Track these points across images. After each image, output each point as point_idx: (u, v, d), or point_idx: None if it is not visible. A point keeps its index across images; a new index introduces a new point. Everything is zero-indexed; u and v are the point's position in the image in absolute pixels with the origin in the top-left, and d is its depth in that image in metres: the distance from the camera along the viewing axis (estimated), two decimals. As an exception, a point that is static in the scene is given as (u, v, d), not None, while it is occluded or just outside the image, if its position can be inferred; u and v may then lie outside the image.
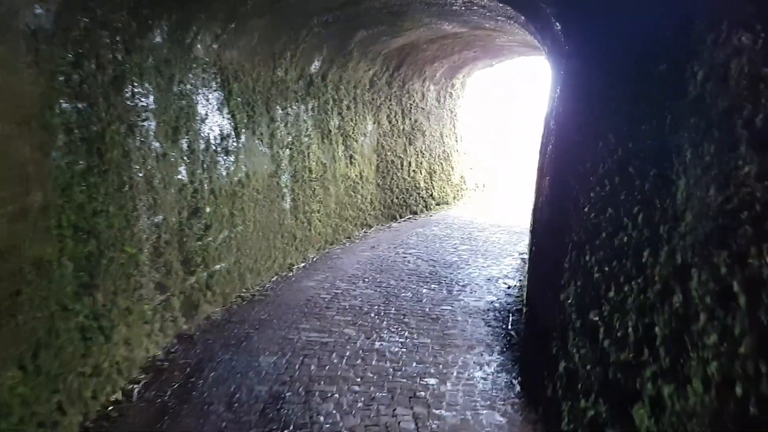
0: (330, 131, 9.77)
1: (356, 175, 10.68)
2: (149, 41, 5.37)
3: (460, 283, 7.48)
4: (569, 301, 3.87)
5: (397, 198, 12.24)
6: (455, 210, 13.67)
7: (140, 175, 5.18)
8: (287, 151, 8.36)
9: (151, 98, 5.40)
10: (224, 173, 6.69)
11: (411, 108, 12.82)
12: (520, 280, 7.55)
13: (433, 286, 7.37)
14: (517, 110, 19.71)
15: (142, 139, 5.25)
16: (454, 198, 14.54)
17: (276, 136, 8.05)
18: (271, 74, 7.95)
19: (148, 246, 5.23)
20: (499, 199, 15.59)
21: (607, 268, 3.42)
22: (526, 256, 8.84)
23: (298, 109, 8.72)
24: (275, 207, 7.96)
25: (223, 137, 6.70)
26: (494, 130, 18.82)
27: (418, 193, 13.02)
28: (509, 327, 5.86)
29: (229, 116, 6.84)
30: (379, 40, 9.88)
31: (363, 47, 9.79)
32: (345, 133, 10.29)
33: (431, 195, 13.53)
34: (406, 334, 5.75)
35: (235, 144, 6.95)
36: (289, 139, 8.44)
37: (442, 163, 14.09)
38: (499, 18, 8.17)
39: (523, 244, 9.89)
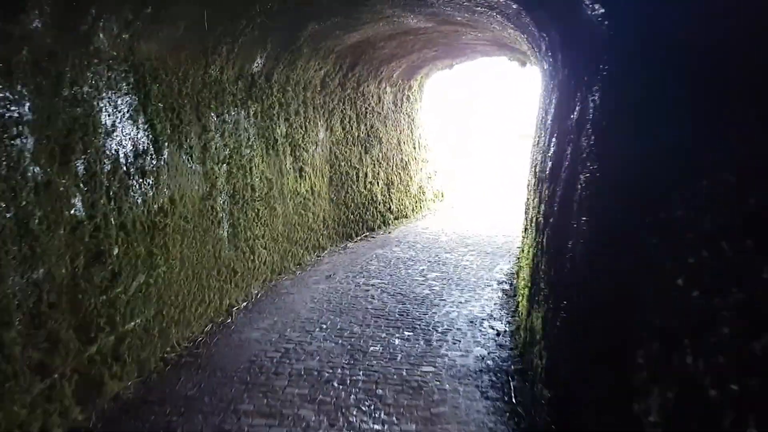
0: (276, 140, 8.31)
1: (307, 191, 9.25)
2: (23, 27, 3.83)
3: (439, 329, 6.15)
4: (651, 418, 2.58)
5: (352, 214, 10.85)
6: (415, 224, 12.38)
7: (8, 215, 3.64)
8: (224, 167, 6.87)
9: (27, 106, 3.86)
10: (140, 201, 5.17)
11: (366, 112, 11.45)
12: (508, 323, 6.28)
13: (406, 333, 6.02)
14: (477, 110, 18.70)
15: (12, 164, 3.71)
16: (413, 210, 13.27)
17: (210, 148, 6.55)
18: (203, 73, 6.45)
19: (20, 316, 3.69)
20: (460, 209, 14.40)
21: (735, 387, 2.14)
22: (506, 286, 7.63)
23: (237, 116, 7.24)
24: (209, 237, 6.46)
25: (138, 154, 5.18)
26: (453, 133, 17.76)
27: (376, 208, 11.67)
28: (514, 400, 4.57)
29: (146, 126, 5.32)
30: (333, 34, 8.48)
31: (314, 42, 8.37)
32: (294, 142, 8.84)
33: (389, 209, 12.20)
34: (383, 416, 4.38)
35: (154, 162, 5.43)
36: (227, 151, 6.95)
37: (400, 173, 12.79)
38: (477, 8, 6.89)
39: (499, 270, 8.67)
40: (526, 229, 6.78)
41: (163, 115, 5.62)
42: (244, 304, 6.96)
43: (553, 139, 4.56)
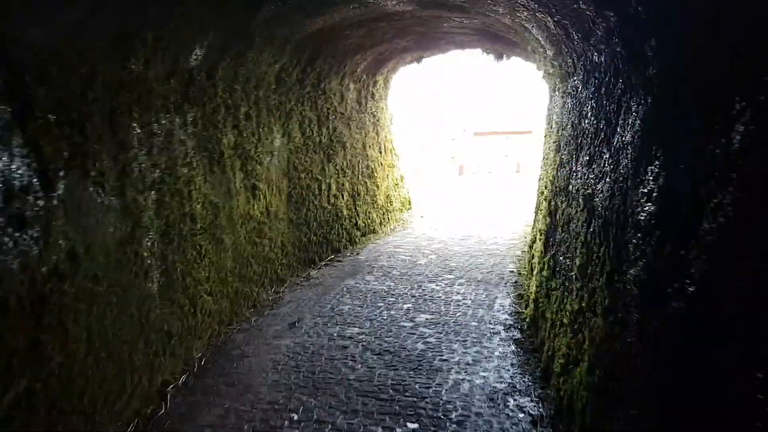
0: (222, 153, 6.54)
1: (262, 213, 7.51)
2: None
3: (452, 416, 4.57)
4: None
5: (315, 234, 9.15)
6: (386, 241, 10.77)
7: None
8: (152, 195, 5.09)
9: None
10: (16, 266, 3.37)
11: (328, 113, 9.75)
12: (540, 399, 4.75)
13: (410, 426, 4.41)
14: (445, 104, 17.34)
15: None
16: (381, 224, 11.66)
17: (131, 172, 4.76)
18: (120, 69, 4.66)
19: None
20: (432, 218, 12.89)
21: None
22: (516, 333, 6.14)
23: (169, 124, 5.46)
24: (132, 296, 4.68)
25: (13, 194, 3.38)
26: (420, 128, 16.35)
27: (341, 224, 10.00)
28: None
29: (26, 151, 3.53)
30: (292, 19, 6.77)
31: (269, 30, 6.63)
32: (244, 154, 7.09)
33: (356, 225, 10.55)
34: None
35: (41, 203, 3.64)
36: (156, 174, 5.17)
37: (366, 182, 11.15)
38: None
39: (500, 307, 7.16)
40: (555, 270, 5.25)
41: (56, 132, 3.82)
42: (184, 378, 5.21)
43: (653, 169, 3.01)
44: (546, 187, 6.30)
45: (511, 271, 8.71)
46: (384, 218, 11.86)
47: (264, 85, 7.61)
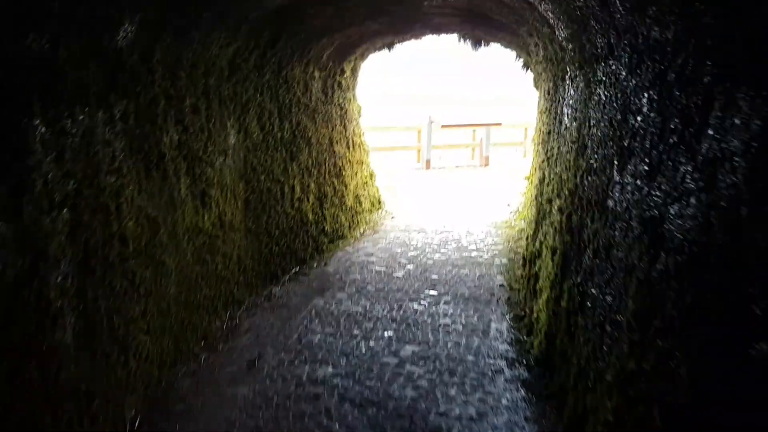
0: (163, 155, 5.31)
1: (213, 224, 6.30)
2: None
3: (463, 505, 3.50)
4: None
5: (277, 245, 7.97)
6: (356, 248, 9.65)
7: None
8: (64, 215, 3.85)
9: None
10: None
11: (291, 105, 8.55)
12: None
13: None
14: (414, 96, 16.28)
15: None
16: (350, 228, 10.52)
17: (32, 187, 3.53)
18: (13, 48, 3.41)
19: None
20: (404, 218, 11.81)
21: None
22: (523, 372, 5.14)
23: (89, 120, 4.21)
24: (32, 354, 3.45)
25: None
26: (385, 121, 15.24)
27: (306, 231, 8.83)
28: None
29: None
30: (248, -9, 5.57)
31: (219, 4, 5.41)
32: (191, 155, 5.87)
33: (323, 230, 9.39)
34: None
35: None
36: (70, 186, 3.93)
37: (333, 182, 9.99)
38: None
39: (497, 333, 6.15)
40: (583, 305, 4.21)
41: None
42: (110, 452, 4.01)
43: None
44: (559, 196, 5.26)
45: (501, 285, 7.70)
46: (353, 221, 10.72)
47: (215, 71, 6.37)
